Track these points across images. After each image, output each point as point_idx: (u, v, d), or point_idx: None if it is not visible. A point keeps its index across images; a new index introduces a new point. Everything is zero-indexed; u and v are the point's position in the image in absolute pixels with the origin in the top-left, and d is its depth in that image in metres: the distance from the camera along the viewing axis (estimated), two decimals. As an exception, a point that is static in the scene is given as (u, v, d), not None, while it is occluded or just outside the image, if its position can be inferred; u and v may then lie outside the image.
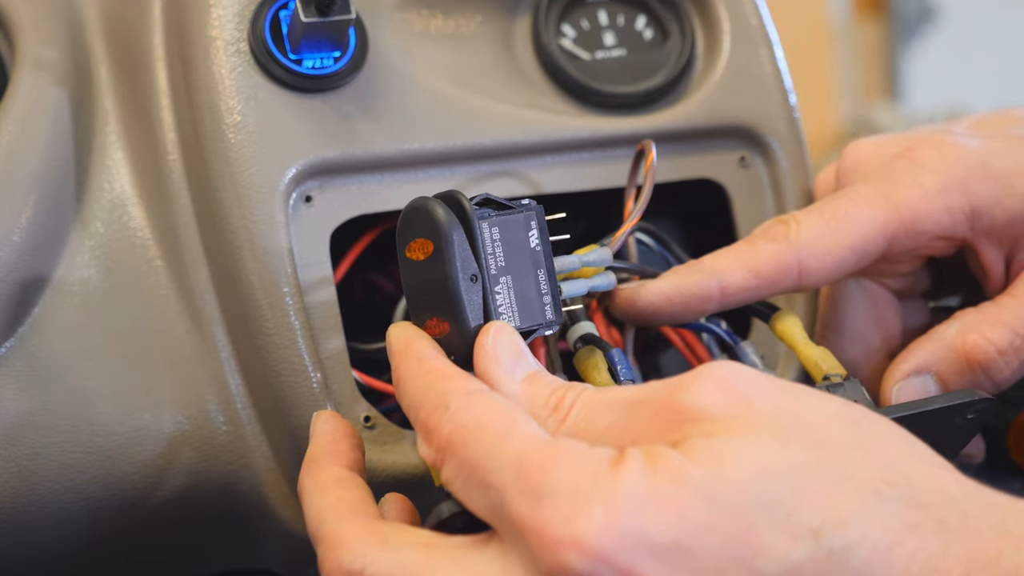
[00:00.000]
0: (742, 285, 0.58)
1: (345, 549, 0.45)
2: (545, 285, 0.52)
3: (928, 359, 0.59)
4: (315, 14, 0.58)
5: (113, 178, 0.64)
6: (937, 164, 0.59)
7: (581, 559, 0.39)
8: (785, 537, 0.39)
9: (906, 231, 0.59)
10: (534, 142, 0.65)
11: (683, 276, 0.58)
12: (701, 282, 0.58)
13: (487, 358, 0.48)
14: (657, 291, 0.58)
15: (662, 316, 0.59)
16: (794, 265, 0.58)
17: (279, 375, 0.59)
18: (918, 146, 0.61)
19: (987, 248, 0.61)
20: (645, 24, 0.70)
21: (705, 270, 0.58)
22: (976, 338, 0.58)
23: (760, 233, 0.60)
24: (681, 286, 0.58)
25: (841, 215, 0.59)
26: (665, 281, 0.58)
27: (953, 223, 0.59)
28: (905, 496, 0.41)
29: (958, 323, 0.59)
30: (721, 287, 0.58)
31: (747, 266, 0.58)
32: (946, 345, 0.59)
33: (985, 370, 0.58)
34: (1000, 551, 0.40)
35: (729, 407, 0.42)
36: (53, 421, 0.59)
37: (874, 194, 0.59)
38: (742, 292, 0.58)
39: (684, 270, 0.59)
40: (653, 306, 0.58)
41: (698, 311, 0.58)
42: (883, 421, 0.43)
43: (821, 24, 2.74)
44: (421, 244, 0.50)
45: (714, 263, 0.58)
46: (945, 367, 0.59)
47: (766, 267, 0.58)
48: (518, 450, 0.42)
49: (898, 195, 0.59)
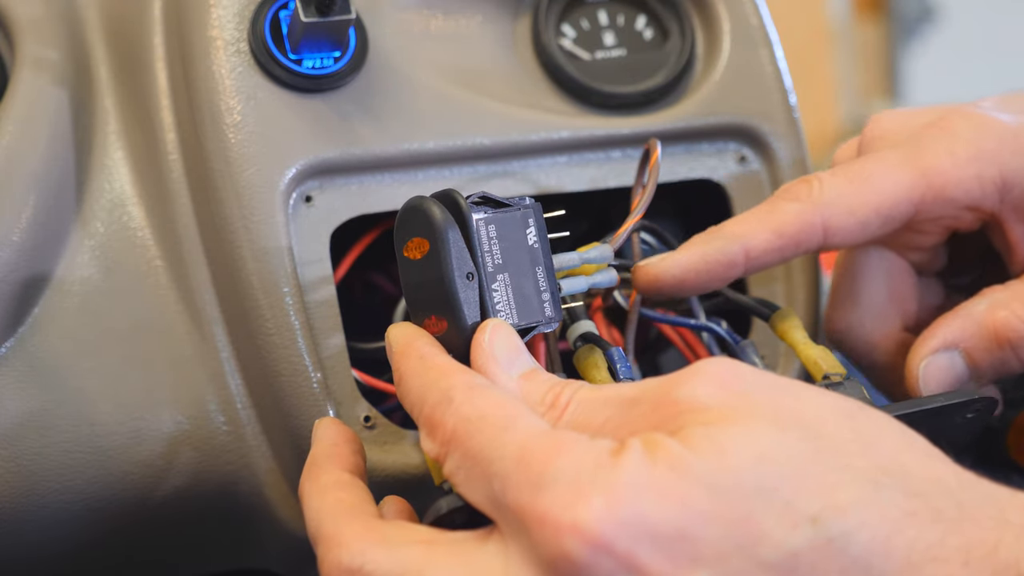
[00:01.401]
0: (766, 247, 0.57)
1: (344, 548, 0.45)
2: (544, 282, 0.52)
3: (956, 335, 0.58)
4: (315, 14, 0.58)
5: (113, 178, 0.64)
6: (969, 133, 0.58)
7: (582, 546, 0.39)
8: (784, 524, 0.39)
9: (934, 198, 0.57)
10: (534, 142, 0.65)
11: (706, 244, 0.57)
12: (724, 248, 0.57)
13: (483, 355, 0.49)
14: (681, 263, 0.57)
15: (687, 288, 0.57)
16: (818, 224, 0.57)
17: (279, 375, 0.59)
18: (949, 116, 0.59)
19: (1014, 223, 0.59)
20: (645, 24, 0.70)
21: (727, 235, 0.57)
22: (1006, 315, 0.57)
23: (781, 193, 0.58)
24: (705, 255, 0.57)
25: (867, 176, 0.57)
26: (688, 252, 0.57)
27: (983, 193, 0.58)
28: (902, 486, 0.41)
29: (987, 300, 0.58)
30: (745, 251, 0.56)
31: (770, 227, 0.57)
32: (975, 321, 0.58)
33: (1015, 348, 0.57)
34: (998, 540, 0.40)
35: (726, 399, 0.42)
36: (53, 421, 0.59)
37: (902, 158, 0.58)
38: (766, 255, 0.57)
39: (706, 238, 0.57)
40: (677, 279, 0.57)
41: (724, 278, 0.57)
42: (880, 415, 0.43)
43: (821, 24, 2.74)
44: (418, 243, 0.50)
45: (736, 228, 0.57)
46: (974, 344, 0.58)
47: (789, 227, 0.57)
48: (520, 441, 0.42)
49: (927, 161, 0.57)
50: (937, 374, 0.58)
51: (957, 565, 0.39)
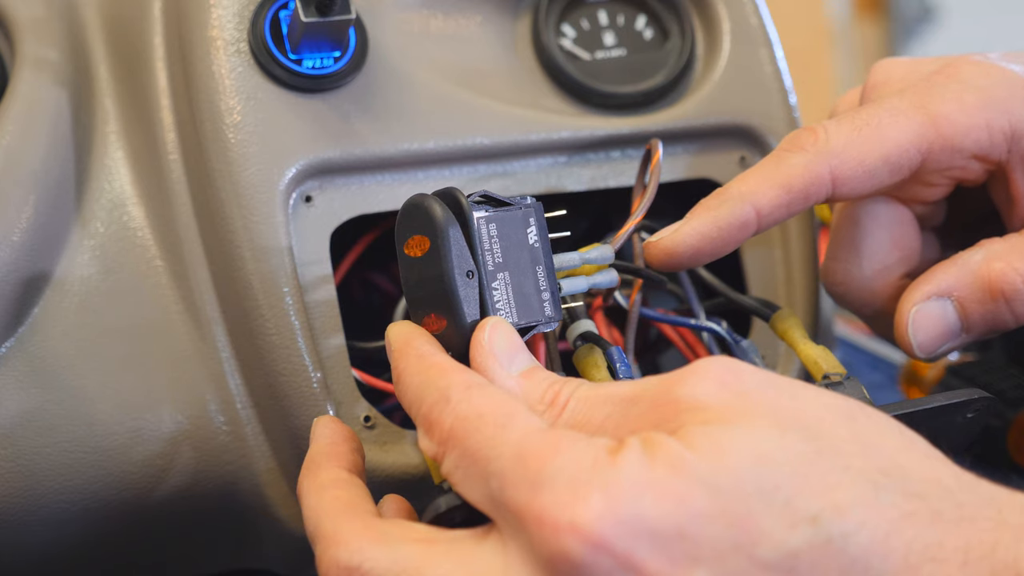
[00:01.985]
0: (776, 203, 0.55)
1: (342, 546, 0.45)
2: (544, 282, 0.52)
3: (951, 283, 0.57)
4: (315, 14, 0.58)
5: (113, 178, 0.64)
6: (980, 81, 0.57)
7: (580, 545, 0.39)
8: (783, 523, 0.39)
9: (942, 146, 0.56)
10: (534, 142, 0.65)
11: (715, 209, 0.55)
12: (734, 211, 0.55)
13: (483, 353, 0.49)
14: (694, 232, 0.55)
15: (703, 256, 0.56)
16: (826, 175, 0.55)
17: (279, 375, 0.59)
18: (957, 63, 0.58)
19: (1020, 175, 0.58)
20: (645, 24, 0.70)
21: (735, 196, 0.55)
22: (1003, 267, 0.56)
23: (787, 144, 0.57)
24: (717, 219, 0.55)
25: (875, 124, 0.56)
26: (698, 219, 0.55)
27: (992, 143, 0.57)
28: (902, 487, 0.41)
29: (984, 250, 0.57)
30: (756, 210, 0.55)
31: (777, 182, 0.55)
32: (970, 271, 0.57)
33: (1008, 301, 0.56)
34: (997, 541, 0.40)
35: (726, 398, 0.42)
36: (53, 421, 0.59)
37: (910, 105, 0.56)
38: (777, 211, 0.55)
39: (714, 202, 0.56)
40: (693, 248, 0.55)
41: (738, 241, 0.56)
42: (879, 415, 0.43)
43: (821, 24, 2.74)
44: (418, 241, 0.50)
45: (743, 187, 0.56)
46: (967, 293, 0.57)
47: (797, 180, 0.55)
48: (518, 439, 0.42)
49: (937, 108, 0.56)
50: (927, 321, 0.57)
51: (955, 566, 0.39)
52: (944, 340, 0.57)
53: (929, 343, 0.57)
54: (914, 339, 0.57)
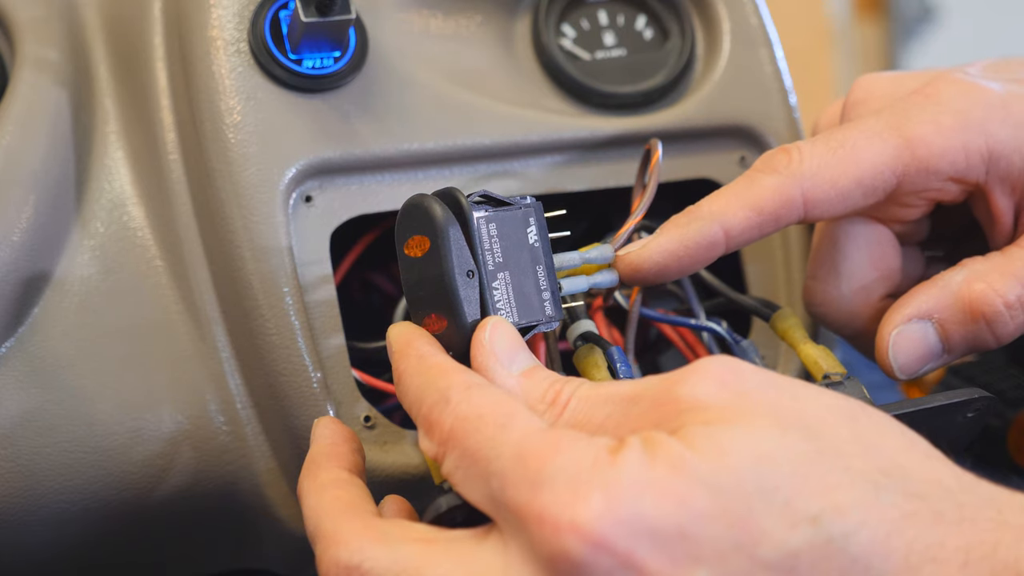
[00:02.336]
0: (745, 225, 0.55)
1: (342, 545, 0.45)
2: (544, 281, 0.52)
3: (931, 305, 0.57)
4: (315, 14, 0.58)
5: (113, 178, 0.64)
6: (957, 102, 0.56)
7: (580, 544, 0.39)
8: (784, 523, 0.39)
9: (918, 168, 0.56)
10: (534, 142, 0.65)
11: (684, 227, 0.55)
12: (703, 230, 0.55)
13: (483, 353, 0.49)
14: (661, 249, 0.55)
15: (670, 273, 0.56)
16: (798, 198, 0.55)
17: (279, 375, 0.59)
18: (935, 82, 0.58)
19: (1000, 195, 0.58)
20: (645, 24, 0.70)
21: (705, 216, 0.55)
22: (983, 288, 0.56)
23: (760, 165, 0.56)
24: (684, 238, 0.55)
25: (849, 146, 0.56)
26: (666, 236, 0.55)
27: (968, 165, 0.56)
28: (902, 487, 0.41)
29: (965, 271, 0.57)
30: (725, 231, 0.55)
31: (748, 204, 0.55)
32: (951, 292, 0.56)
33: (989, 322, 0.56)
34: (998, 541, 0.40)
35: (726, 398, 0.42)
36: (53, 421, 0.59)
37: (886, 127, 0.56)
38: (746, 232, 0.55)
39: (683, 220, 0.56)
40: (659, 265, 0.55)
41: (706, 260, 0.56)
42: (880, 415, 0.43)
43: (821, 24, 2.74)
44: (418, 241, 0.50)
45: (712, 206, 0.55)
46: (948, 315, 0.56)
47: (768, 202, 0.55)
48: (518, 439, 0.42)
49: (913, 130, 0.56)
50: (908, 344, 0.57)
51: (956, 566, 0.39)
52: (925, 361, 0.57)
53: (910, 365, 0.57)
54: (895, 361, 0.57)
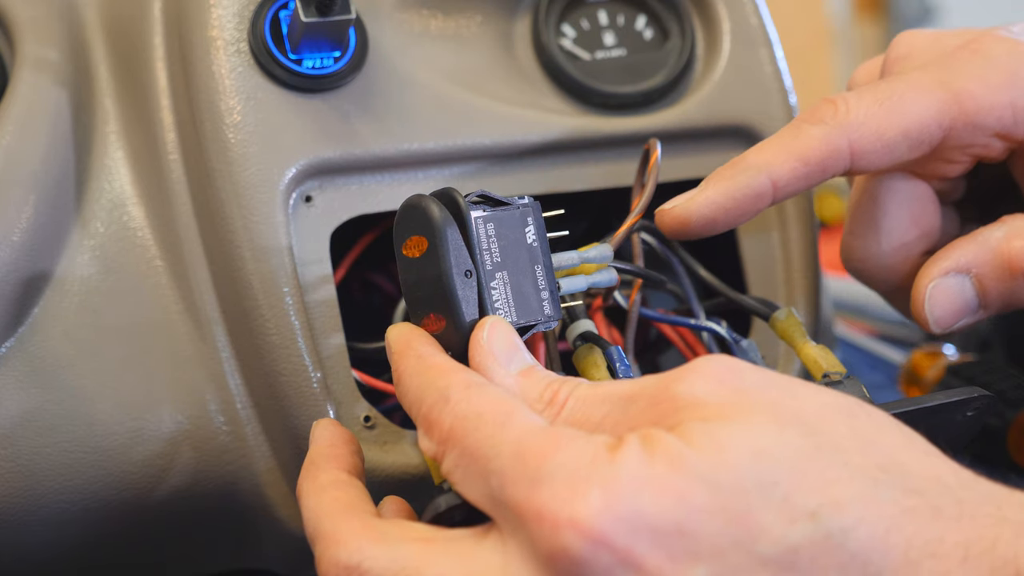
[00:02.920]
0: (792, 175, 0.54)
1: (342, 545, 0.45)
2: (543, 281, 0.52)
3: (970, 259, 0.56)
4: (315, 14, 0.58)
5: (113, 178, 0.64)
6: (1004, 60, 0.56)
7: (580, 541, 0.39)
8: (783, 519, 0.39)
9: (964, 123, 0.56)
10: (534, 142, 0.65)
11: (731, 179, 0.55)
12: (750, 182, 0.54)
13: (482, 352, 0.49)
14: (709, 201, 0.54)
15: (718, 226, 0.55)
16: (844, 148, 0.55)
17: (279, 375, 0.59)
18: (982, 38, 0.57)
19: None
20: (645, 24, 0.70)
21: (752, 167, 0.55)
22: (1023, 245, 0.55)
23: (806, 116, 0.56)
24: (732, 190, 0.54)
25: (896, 98, 0.55)
26: (713, 189, 0.55)
27: (1015, 121, 0.56)
28: (901, 483, 0.41)
29: (1006, 227, 0.56)
30: (772, 182, 0.54)
31: (795, 154, 0.55)
32: (991, 248, 0.56)
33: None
34: (997, 537, 0.40)
35: (724, 395, 0.42)
36: (53, 421, 0.59)
37: (933, 80, 0.55)
38: (794, 183, 0.55)
39: (729, 172, 0.55)
40: (706, 218, 0.55)
41: (754, 211, 0.55)
42: (878, 412, 0.43)
43: (821, 24, 2.74)
44: (416, 241, 0.51)
45: (760, 157, 0.55)
46: (986, 270, 0.56)
47: (815, 152, 0.54)
48: (517, 437, 0.42)
49: (960, 84, 0.55)
50: (944, 296, 0.56)
51: (955, 562, 0.39)
52: (961, 315, 0.57)
53: (946, 318, 0.57)
54: (931, 314, 0.57)
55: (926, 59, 0.58)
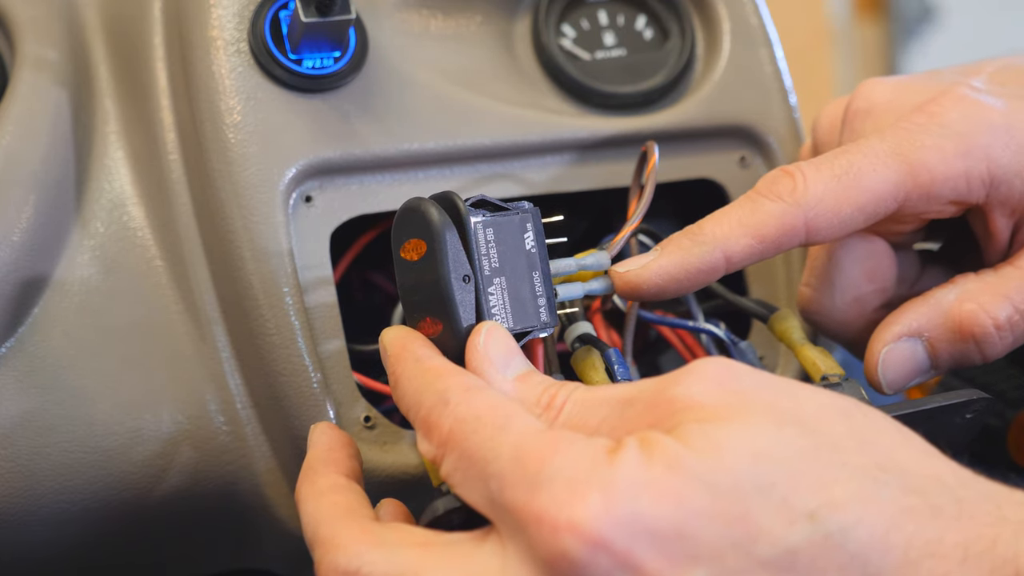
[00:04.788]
0: (747, 252, 0.55)
1: (341, 550, 0.45)
2: (540, 287, 0.52)
3: (921, 323, 0.57)
4: (315, 14, 0.58)
5: (113, 178, 0.64)
6: (959, 125, 0.56)
7: (579, 544, 0.39)
8: (781, 521, 0.39)
9: (920, 194, 0.56)
10: (534, 142, 0.65)
11: (686, 251, 0.55)
12: (705, 256, 0.55)
13: (479, 357, 0.49)
14: (661, 271, 0.55)
15: (667, 293, 0.56)
16: (800, 226, 0.55)
17: (279, 375, 0.59)
18: (941, 100, 0.57)
19: (998, 216, 0.58)
20: (645, 24, 0.70)
21: (708, 241, 0.55)
22: (974, 308, 0.56)
23: (765, 189, 0.56)
24: (685, 262, 0.55)
25: (854, 173, 0.55)
26: (667, 259, 0.55)
27: (969, 190, 0.56)
28: (900, 482, 0.41)
29: (957, 289, 0.57)
30: (726, 257, 0.55)
31: (751, 231, 0.55)
32: (942, 311, 0.57)
33: (978, 342, 0.56)
34: (996, 536, 0.40)
35: (722, 397, 0.42)
36: (53, 421, 0.59)
37: (889, 152, 0.56)
38: (747, 259, 0.55)
39: (686, 243, 0.55)
40: (658, 287, 0.55)
41: (704, 283, 0.56)
42: (877, 413, 0.43)
43: (821, 24, 2.74)
44: (415, 244, 0.50)
45: (715, 230, 0.55)
46: (938, 333, 0.57)
47: (771, 230, 0.55)
48: (516, 441, 0.43)
49: (915, 156, 0.55)
50: (896, 361, 0.57)
51: (955, 561, 0.39)
52: (912, 377, 0.58)
53: (898, 381, 0.58)
54: (883, 377, 0.58)
55: (884, 117, 0.59)
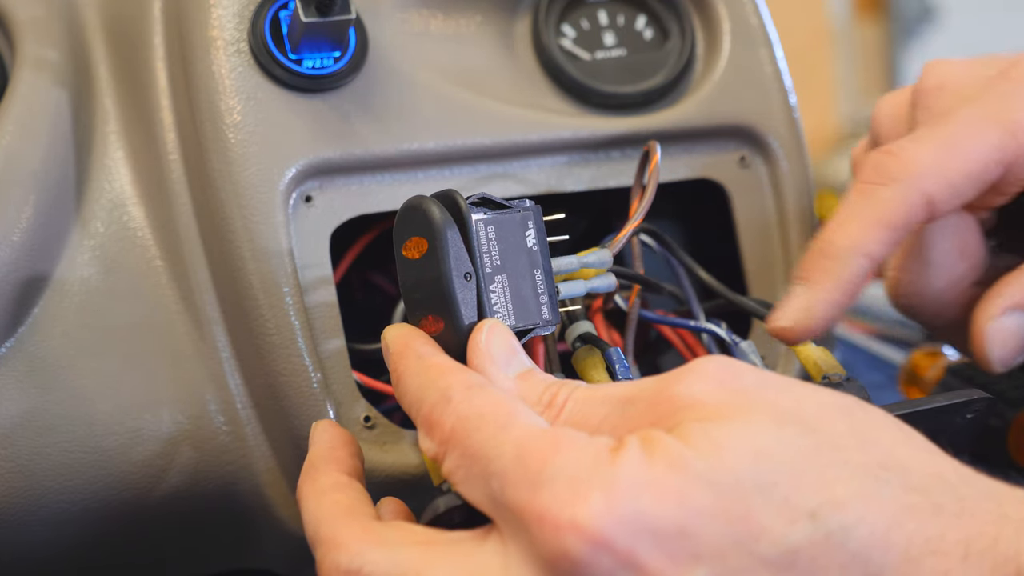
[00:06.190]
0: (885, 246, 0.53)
1: (343, 550, 0.45)
2: (542, 285, 0.52)
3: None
4: (315, 14, 0.58)
5: (113, 178, 0.64)
6: None
7: (581, 543, 0.39)
8: (783, 519, 0.39)
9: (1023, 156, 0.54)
10: (534, 142, 0.65)
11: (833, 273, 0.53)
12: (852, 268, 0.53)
13: (480, 355, 0.49)
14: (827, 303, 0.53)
15: (837, 320, 0.54)
16: (921, 203, 0.53)
17: (279, 375, 0.59)
18: (1019, 65, 0.56)
19: None
20: (645, 24, 0.70)
21: (846, 253, 0.53)
22: None
23: (873, 175, 0.54)
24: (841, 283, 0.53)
25: (956, 141, 0.54)
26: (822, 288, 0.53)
27: None
28: (901, 480, 0.41)
29: None
30: (870, 260, 0.53)
31: (880, 223, 0.53)
32: None
33: None
34: (998, 534, 0.40)
35: (723, 396, 0.42)
36: (53, 421, 0.59)
37: (985, 117, 0.54)
38: (886, 252, 0.53)
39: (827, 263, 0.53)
40: (829, 320, 0.54)
41: (859, 296, 0.54)
42: (878, 412, 0.43)
43: (821, 24, 2.74)
44: (416, 242, 0.50)
45: (846, 239, 0.53)
46: None
47: (897, 216, 0.53)
48: (519, 439, 0.42)
49: (1012, 117, 0.54)
50: (1004, 336, 0.56)
51: (956, 559, 0.39)
52: (1021, 352, 0.57)
53: (1007, 357, 0.57)
54: (992, 354, 0.57)
55: (967, 92, 0.57)
